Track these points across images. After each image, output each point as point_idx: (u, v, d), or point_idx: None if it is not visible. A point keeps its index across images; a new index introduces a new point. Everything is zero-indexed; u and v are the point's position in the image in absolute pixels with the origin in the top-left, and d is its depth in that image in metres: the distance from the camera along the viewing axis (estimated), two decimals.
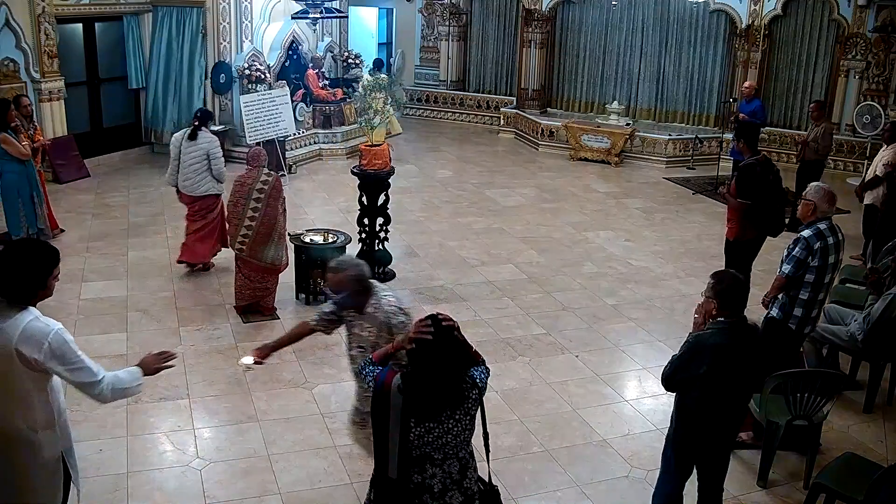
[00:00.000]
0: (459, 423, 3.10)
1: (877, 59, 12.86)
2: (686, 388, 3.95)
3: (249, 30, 12.50)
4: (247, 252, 6.88)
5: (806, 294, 5.21)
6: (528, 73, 15.60)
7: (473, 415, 3.14)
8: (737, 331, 3.87)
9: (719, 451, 4.12)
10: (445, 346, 3.10)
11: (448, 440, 3.09)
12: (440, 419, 3.08)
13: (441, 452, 3.10)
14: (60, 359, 3.33)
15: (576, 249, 9.23)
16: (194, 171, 7.66)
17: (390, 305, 4.07)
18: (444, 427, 3.08)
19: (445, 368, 3.09)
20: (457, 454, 3.14)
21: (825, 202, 5.25)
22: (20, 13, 10.48)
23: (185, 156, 7.68)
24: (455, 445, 3.12)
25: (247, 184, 6.81)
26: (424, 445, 3.08)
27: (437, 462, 3.11)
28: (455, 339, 3.13)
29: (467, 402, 3.13)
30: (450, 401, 3.10)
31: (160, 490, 4.75)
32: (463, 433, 3.13)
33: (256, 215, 6.79)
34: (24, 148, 7.70)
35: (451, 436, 3.09)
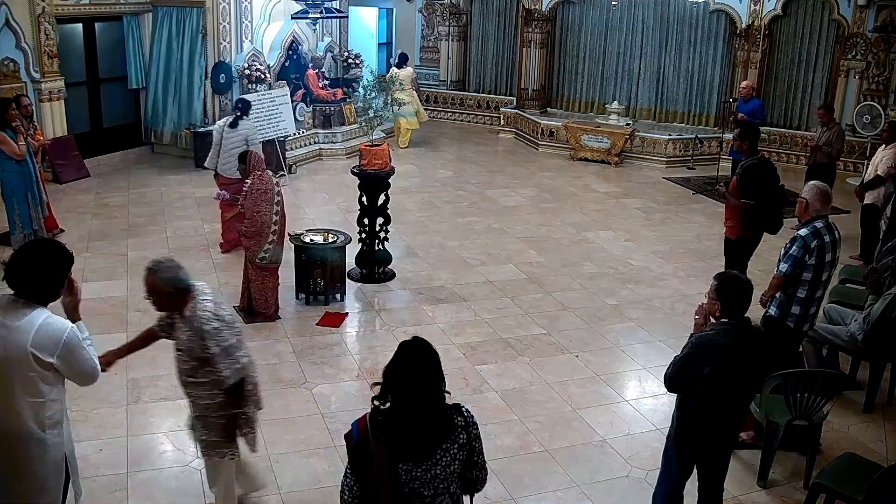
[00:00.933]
0: (448, 454, 2.89)
1: (877, 59, 12.86)
2: (688, 389, 3.95)
3: (249, 30, 12.50)
4: (269, 258, 6.81)
5: (804, 292, 5.23)
6: (528, 73, 15.60)
7: (461, 443, 2.92)
8: (740, 332, 3.87)
9: (720, 451, 4.12)
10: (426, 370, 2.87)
11: (437, 473, 2.87)
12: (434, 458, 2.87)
13: (431, 488, 2.87)
14: (73, 356, 3.34)
15: (576, 249, 9.23)
16: (233, 156, 7.95)
17: (205, 311, 3.84)
18: (434, 462, 2.87)
19: (429, 397, 2.86)
20: (448, 489, 2.92)
21: (818, 200, 5.28)
22: (20, 13, 10.47)
23: (226, 142, 8.37)
24: (445, 479, 2.89)
25: (268, 190, 6.71)
26: (413, 482, 2.84)
27: (428, 499, 2.88)
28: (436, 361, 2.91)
29: (456, 430, 2.92)
30: (442, 434, 2.88)
31: (160, 490, 4.75)
32: (452, 464, 2.90)
33: (277, 218, 6.78)
34: (18, 148, 7.65)
35: (440, 468, 2.87)
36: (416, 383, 2.84)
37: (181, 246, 8.76)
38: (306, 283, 7.37)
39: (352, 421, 2.98)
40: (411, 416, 2.85)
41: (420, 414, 2.85)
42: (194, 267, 8.13)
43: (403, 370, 2.86)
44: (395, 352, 2.92)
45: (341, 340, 6.79)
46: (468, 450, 2.95)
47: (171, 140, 12.50)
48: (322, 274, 7.32)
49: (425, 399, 2.86)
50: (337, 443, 5.24)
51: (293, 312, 7.22)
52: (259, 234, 6.73)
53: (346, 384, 6.07)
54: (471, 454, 2.97)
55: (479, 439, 3.00)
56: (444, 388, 2.92)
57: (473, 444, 2.97)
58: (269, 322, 6.96)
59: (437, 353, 2.93)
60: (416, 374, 2.85)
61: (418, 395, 2.84)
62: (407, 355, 2.89)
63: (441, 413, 2.91)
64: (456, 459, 2.91)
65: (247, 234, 6.76)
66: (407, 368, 2.86)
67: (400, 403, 2.86)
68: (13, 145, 7.58)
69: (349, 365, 6.38)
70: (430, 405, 2.87)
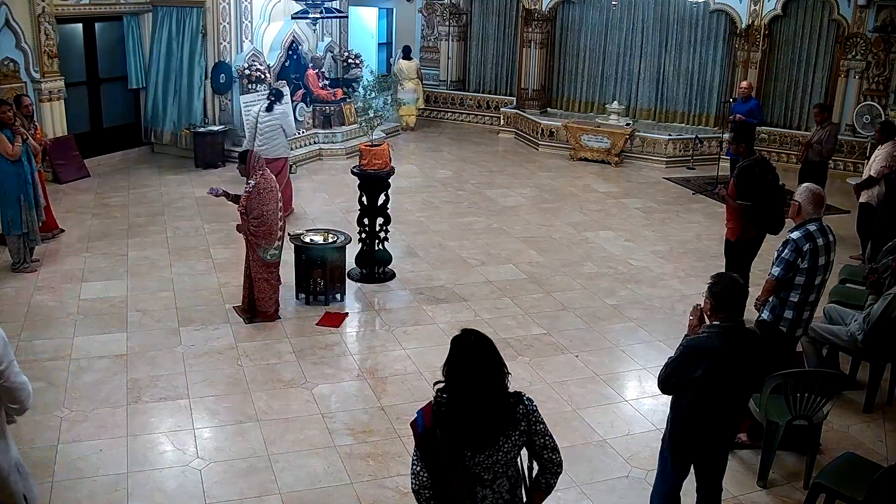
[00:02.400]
0: (509, 441, 2.96)
1: (877, 59, 12.85)
2: (681, 392, 3.95)
3: (249, 30, 12.50)
4: (279, 254, 6.90)
5: (796, 297, 5.17)
6: (528, 73, 15.60)
7: (522, 430, 2.99)
8: (733, 335, 3.85)
9: (716, 452, 4.11)
10: (484, 362, 2.91)
11: (499, 459, 2.95)
12: (498, 445, 2.94)
13: (491, 472, 2.96)
14: (4, 359, 3.22)
15: (576, 249, 9.23)
16: (269, 138, 9.19)
17: None
18: (497, 449, 2.95)
19: (490, 388, 2.91)
20: (506, 472, 3.01)
21: (810, 203, 5.21)
22: (20, 13, 10.48)
23: (261, 125, 9.24)
24: (505, 464, 2.98)
25: (273, 187, 6.76)
26: (475, 466, 2.94)
27: (487, 483, 2.97)
28: (493, 350, 2.94)
29: (518, 419, 2.98)
30: (504, 422, 2.95)
31: (160, 490, 4.75)
32: (513, 450, 2.98)
33: (281, 214, 6.85)
34: (13, 148, 7.61)
35: (501, 454, 2.95)
36: (475, 376, 2.89)
37: (181, 246, 8.77)
38: (306, 283, 7.36)
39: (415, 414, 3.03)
40: (474, 406, 2.89)
41: (482, 405, 2.90)
42: (195, 267, 8.16)
43: (461, 365, 2.91)
44: (451, 348, 2.96)
45: (341, 340, 6.79)
46: (528, 434, 3.01)
47: (171, 140, 12.50)
48: (322, 274, 7.32)
49: (486, 390, 2.90)
50: (337, 443, 5.25)
51: (293, 312, 7.23)
52: (270, 232, 6.76)
53: (346, 384, 6.07)
54: (532, 438, 3.03)
55: (539, 423, 3.05)
56: (505, 375, 2.96)
57: (534, 429, 3.02)
58: (269, 322, 6.96)
59: (491, 342, 2.96)
60: (474, 367, 2.89)
61: (478, 387, 2.89)
62: (462, 350, 2.93)
63: (503, 402, 2.96)
64: (516, 446, 2.99)
65: (256, 233, 6.76)
66: (464, 363, 2.90)
67: (463, 394, 2.91)
68: (7, 144, 7.54)
69: (349, 365, 6.38)
70: (493, 393, 2.92)
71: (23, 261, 7.87)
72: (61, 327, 6.76)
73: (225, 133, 12.28)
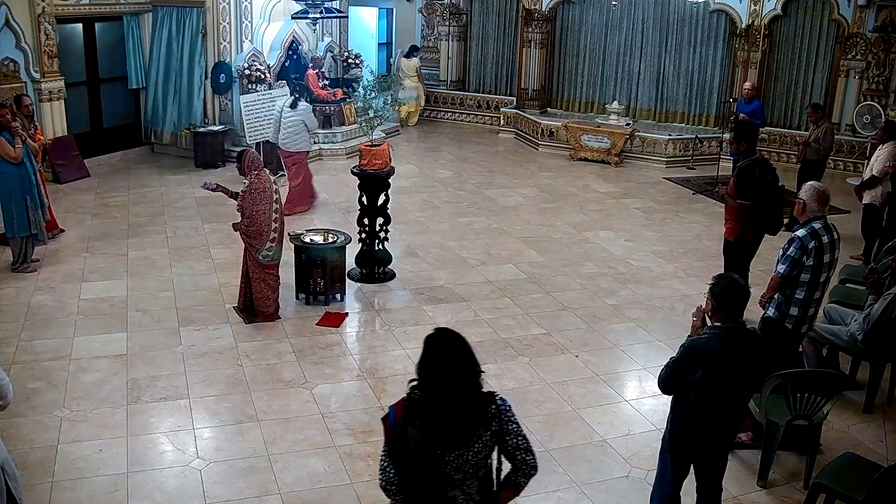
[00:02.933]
0: (480, 441, 2.94)
1: (877, 59, 12.85)
2: (682, 392, 3.95)
3: (249, 30, 12.50)
4: (272, 256, 6.85)
5: (802, 293, 5.21)
6: (528, 73, 15.60)
7: (494, 431, 2.96)
8: (734, 336, 3.85)
9: (715, 453, 4.11)
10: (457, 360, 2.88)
11: (469, 458, 2.93)
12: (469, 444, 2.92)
13: (461, 472, 2.94)
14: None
15: (576, 249, 9.23)
16: (292, 132, 9.85)
17: None
18: (467, 448, 2.92)
19: (462, 386, 2.88)
20: (476, 473, 2.99)
21: (814, 201, 5.26)
22: (20, 13, 10.47)
23: (285, 119, 9.81)
24: (475, 464, 2.96)
25: (266, 189, 6.73)
26: (445, 465, 2.91)
27: (458, 483, 2.95)
28: (466, 349, 2.92)
29: (489, 419, 2.96)
30: (476, 422, 2.92)
31: (160, 490, 4.75)
32: (484, 450, 2.96)
33: (278, 216, 6.80)
34: (14, 150, 7.61)
35: (472, 454, 2.93)
36: (448, 374, 2.87)
37: (181, 246, 8.77)
38: (306, 283, 7.36)
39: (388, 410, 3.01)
40: (446, 405, 2.87)
41: (454, 403, 2.88)
42: (195, 267, 8.16)
43: (434, 363, 2.88)
44: (424, 346, 2.93)
45: (341, 340, 6.79)
46: (500, 434, 2.99)
47: (171, 140, 12.50)
48: (322, 274, 7.32)
49: (458, 389, 2.88)
50: (337, 443, 5.25)
51: (293, 312, 7.22)
52: (260, 232, 6.74)
53: (346, 384, 6.07)
54: (504, 438, 3.00)
55: (512, 423, 3.01)
56: (479, 375, 2.93)
57: (506, 428, 2.99)
58: (269, 322, 6.96)
59: (465, 342, 2.94)
60: (447, 365, 2.87)
61: (451, 386, 2.87)
62: (435, 348, 2.91)
63: (475, 402, 2.94)
64: (487, 446, 2.96)
65: (247, 233, 6.77)
66: (436, 361, 2.88)
67: (434, 393, 2.88)
68: (8, 147, 7.54)
69: (349, 365, 6.38)
70: (464, 394, 2.89)
71: (24, 261, 7.88)
72: (61, 327, 6.76)
73: (225, 133, 12.28)
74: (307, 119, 9.95)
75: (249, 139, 11.06)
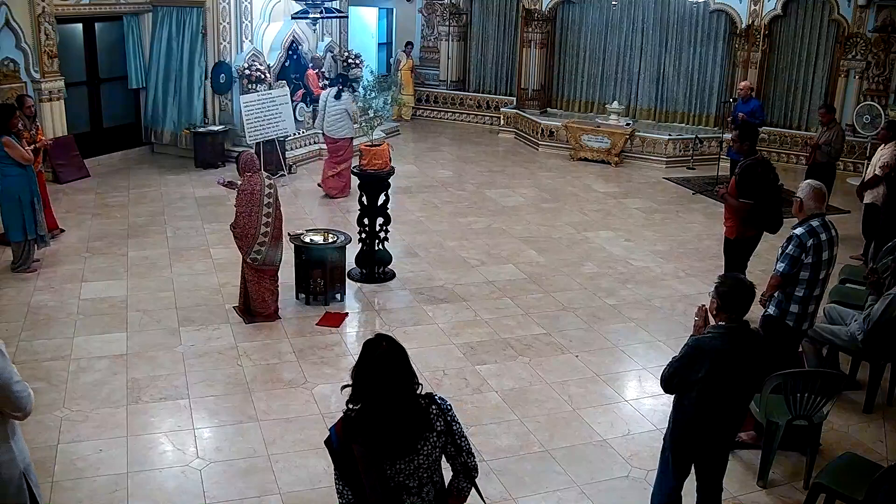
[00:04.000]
0: (429, 444, 2.90)
1: (877, 59, 12.86)
2: (684, 392, 3.95)
3: (249, 30, 12.50)
4: (261, 260, 6.81)
5: (802, 291, 5.23)
6: (528, 73, 15.60)
7: (440, 431, 2.92)
8: (737, 335, 3.86)
9: (717, 453, 4.11)
10: (392, 371, 2.83)
11: (421, 463, 2.88)
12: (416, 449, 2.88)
13: (416, 479, 2.90)
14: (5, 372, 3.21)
15: (576, 249, 9.23)
16: (336, 120, 10.72)
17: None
18: (417, 453, 2.88)
19: (398, 396, 2.82)
20: (431, 478, 2.95)
21: (812, 199, 5.28)
22: (20, 13, 10.47)
23: (330, 108, 10.72)
24: (428, 468, 2.91)
25: (255, 191, 6.72)
26: (397, 475, 2.87)
27: (414, 490, 2.90)
28: (403, 359, 2.86)
29: (432, 420, 2.91)
30: (420, 426, 2.88)
31: (160, 490, 4.75)
32: (433, 453, 2.92)
33: (270, 220, 6.75)
34: (27, 153, 7.63)
35: (422, 458, 2.88)
36: (386, 383, 2.81)
37: (181, 246, 8.77)
38: (306, 283, 7.36)
39: (329, 431, 2.95)
40: (386, 415, 2.82)
41: (394, 412, 2.82)
42: (195, 267, 8.17)
43: (371, 370, 2.82)
44: (360, 352, 2.88)
45: (341, 340, 6.79)
46: (447, 435, 2.94)
47: (171, 140, 12.50)
48: (322, 274, 7.32)
49: (397, 397, 2.82)
50: None
51: (293, 312, 7.22)
52: (245, 235, 6.76)
53: None
54: (451, 439, 2.96)
55: (456, 422, 2.98)
56: (415, 382, 2.89)
57: (452, 429, 2.96)
58: (269, 322, 6.96)
59: (403, 349, 2.89)
60: (384, 373, 2.81)
61: (389, 395, 2.81)
62: (372, 355, 2.85)
63: (415, 407, 2.89)
64: (436, 448, 2.92)
65: (235, 233, 6.83)
66: (374, 368, 2.82)
67: (372, 404, 2.83)
68: (21, 150, 7.56)
69: (349, 365, 6.28)
70: (403, 402, 2.84)
71: (25, 262, 7.87)
72: (61, 327, 6.76)
73: (225, 133, 12.28)
74: (350, 108, 10.64)
75: (249, 139, 11.05)
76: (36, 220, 7.82)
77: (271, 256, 6.90)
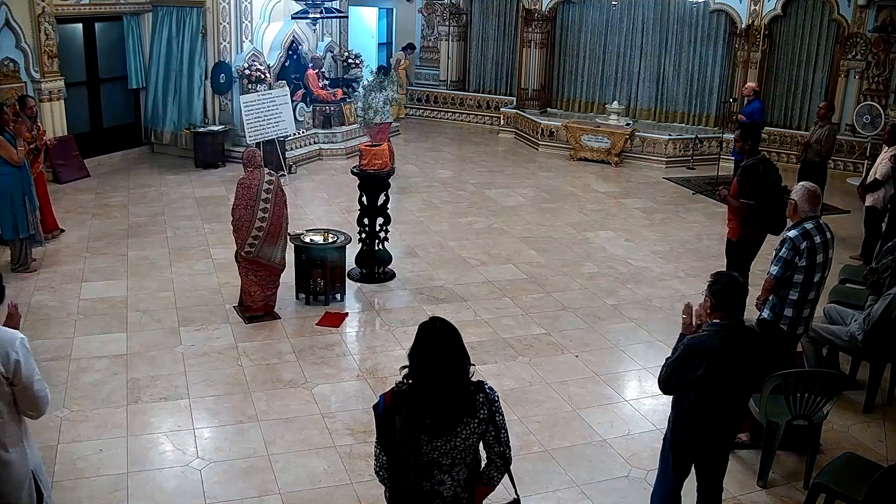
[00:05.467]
0: (468, 428, 3.00)
1: (877, 59, 12.86)
2: (683, 391, 3.94)
3: (249, 30, 12.50)
4: (255, 253, 6.84)
5: (796, 294, 5.18)
6: (528, 73, 15.60)
7: (482, 418, 3.02)
8: (733, 333, 3.85)
9: (717, 452, 4.11)
10: (447, 349, 2.96)
11: (457, 445, 2.99)
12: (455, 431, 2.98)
13: (449, 458, 3.01)
14: (26, 369, 3.24)
15: (576, 249, 9.23)
16: None
17: None
18: (455, 435, 2.99)
19: (450, 375, 2.95)
20: (465, 460, 3.04)
21: (806, 202, 5.22)
22: (20, 13, 10.47)
23: None
24: (463, 451, 3.02)
25: (253, 186, 6.75)
26: (433, 451, 2.98)
27: (446, 468, 3.02)
28: (457, 339, 2.99)
29: (477, 407, 3.01)
30: (463, 410, 2.99)
31: (160, 490, 4.75)
32: (471, 437, 3.02)
33: (266, 216, 6.76)
34: (16, 153, 7.60)
35: (459, 440, 2.99)
36: (437, 362, 2.94)
37: (181, 246, 8.77)
38: (306, 283, 7.36)
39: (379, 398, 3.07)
40: (433, 392, 2.94)
41: (441, 391, 2.94)
42: (195, 267, 8.16)
43: (424, 350, 2.96)
44: (416, 333, 3.00)
45: (341, 340, 6.79)
46: (488, 423, 3.05)
47: (171, 140, 12.51)
48: (322, 274, 7.32)
49: (446, 377, 2.94)
50: (337, 443, 5.25)
51: (293, 312, 7.22)
52: (239, 227, 6.80)
53: (346, 384, 6.07)
54: (492, 428, 3.06)
55: (500, 413, 3.09)
56: (468, 364, 3.00)
57: (495, 419, 3.06)
58: (266, 320, 6.96)
59: (457, 332, 3.00)
60: (436, 353, 2.94)
61: (439, 374, 2.93)
62: (426, 336, 2.98)
63: (463, 390, 3.00)
64: (475, 433, 3.03)
65: (237, 224, 6.89)
66: (427, 349, 2.96)
67: (423, 381, 2.96)
68: (11, 150, 7.54)
69: (349, 365, 6.38)
70: (452, 382, 2.96)
71: (24, 262, 7.88)
72: (61, 327, 6.76)
73: (225, 133, 12.28)
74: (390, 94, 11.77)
75: (249, 139, 11.05)
76: (28, 220, 7.79)
77: (266, 252, 6.88)
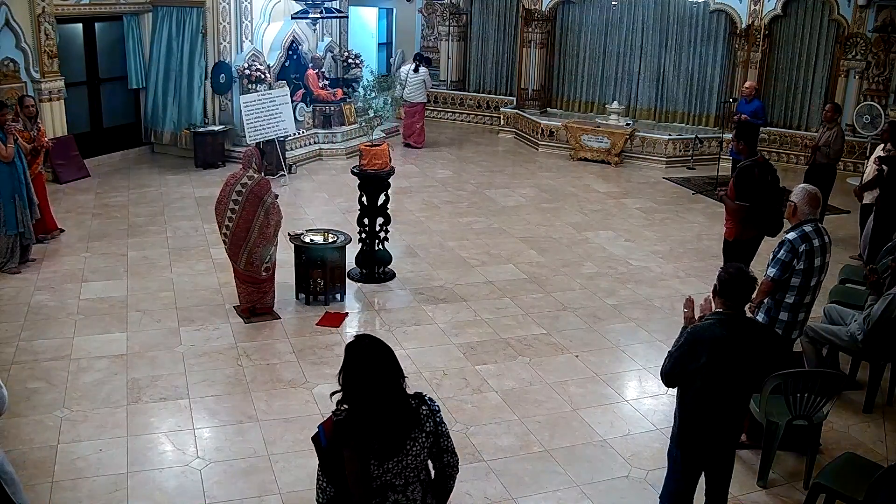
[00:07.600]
0: (417, 444, 2.88)
1: (877, 59, 12.85)
2: (686, 383, 3.94)
3: (249, 30, 12.50)
4: (227, 249, 6.89)
5: (792, 298, 5.12)
6: (528, 73, 15.59)
7: (429, 431, 2.91)
8: (734, 323, 3.86)
9: (723, 449, 4.09)
10: (380, 366, 2.82)
11: (408, 463, 2.86)
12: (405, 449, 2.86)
13: (402, 478, 2.87)
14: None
15: (576, 249, 9.23)
16: (415, 89, 13.80)
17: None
18: (405, 454, 2.86)
19: (387, 393, 2.82)
20: (418, 477, 2.91)
21: (806, 204, 5.17)
22: (20, 13, 10.47)
23: (410, 80, 13.73)
24: (415, 468, 2.89)
25: (230, 182, 6.78)
26: (385, 475, 2.84)
27: (399, 489, 2.88)
28: (389, 354, 2.86)
29: (422, 420, 2.90)
30: (408, 426, 2.86)
31: (160, 490, 4.75)
32: (422, 453, 2.89)
33: (234, 216, 6.70)
34: (7, 150, 7.60)
35: (410, 458, 2.86)
36: (371, 378, 2.80)
37: (181, 246, 8.77)
38: (306, 283, 7.36)
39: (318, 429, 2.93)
40: (375, 415, 2.80)
41: (383, 411, 2.81)
42: (195, 267, 8.17)
43: (356, 370, 2.82)
44: (345, 354, 2.88)
45: (341, 340, 6.78)
46: (435, 436, 2.94)
47: (171, 140, 12.50)
48: (322, 274, 7.32)
49: (384, 395, 2.81)
50: None
51: (293, 312, 7.23)
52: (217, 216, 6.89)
53: None
54: (437, 440, 2.96)
55: (444, 424, 2.99)
56: (402, 381, 2.89)
57: (440, 430, 2.96)
58: (268, 321, 6.96)
59: (388, 348, 2.89)
60: (369, 368, 2.81)
61: (376, 390, 2.80)
62: (356, 355, 2.85)
63: (404, 407, 2.89)
64: (424, 448, 2.91)
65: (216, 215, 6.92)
66: (358, 365, 2.82)
67: (361, 402, 2.82)
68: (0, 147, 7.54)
69: None
70: (391, 402, 2.84)
71: (9, 260, 7.83)
72: (61, 327, 6.76)
73: (225, 133, 12.28)
74: (427, 79, 13.91)
75: (249, 139, 11.04)
76: (16, 217, 7.76)
77: (231, 256, 6.88)
